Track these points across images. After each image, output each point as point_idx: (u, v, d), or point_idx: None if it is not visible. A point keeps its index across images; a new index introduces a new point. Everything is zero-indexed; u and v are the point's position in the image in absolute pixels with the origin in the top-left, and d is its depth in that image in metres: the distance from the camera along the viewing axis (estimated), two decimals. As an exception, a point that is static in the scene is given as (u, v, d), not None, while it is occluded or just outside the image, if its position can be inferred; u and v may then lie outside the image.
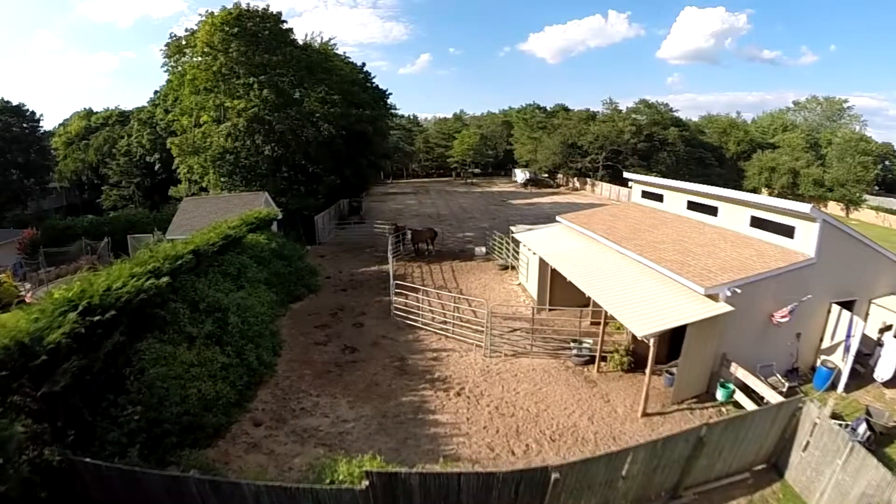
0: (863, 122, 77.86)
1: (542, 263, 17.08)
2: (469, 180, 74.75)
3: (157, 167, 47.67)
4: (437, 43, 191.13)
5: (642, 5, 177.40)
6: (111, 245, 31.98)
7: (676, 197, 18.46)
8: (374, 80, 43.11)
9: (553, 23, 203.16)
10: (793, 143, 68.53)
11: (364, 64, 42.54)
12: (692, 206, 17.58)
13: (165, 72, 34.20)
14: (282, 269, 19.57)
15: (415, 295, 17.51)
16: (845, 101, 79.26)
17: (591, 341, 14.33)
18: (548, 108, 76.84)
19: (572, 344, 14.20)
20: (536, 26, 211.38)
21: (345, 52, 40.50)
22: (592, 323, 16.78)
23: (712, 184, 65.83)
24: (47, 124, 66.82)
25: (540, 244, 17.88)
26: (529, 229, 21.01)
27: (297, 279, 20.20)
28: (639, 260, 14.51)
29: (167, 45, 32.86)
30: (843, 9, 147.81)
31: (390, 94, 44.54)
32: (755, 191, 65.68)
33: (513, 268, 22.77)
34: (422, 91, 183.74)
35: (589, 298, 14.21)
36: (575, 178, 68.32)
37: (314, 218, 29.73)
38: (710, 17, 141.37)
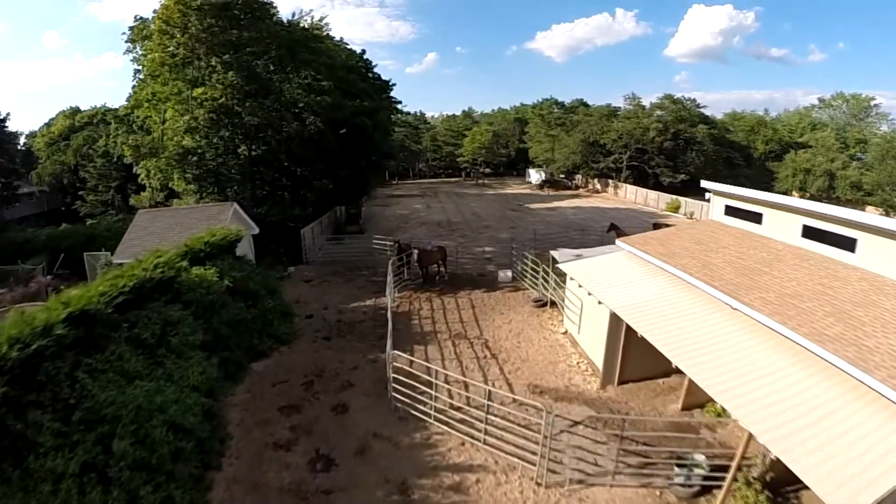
0: (891, 121, 72.49)
1: (615, 320, 11.79)
2: (480, 181, 69.42)
3: (135, 169, 42.82)
4: (443, 42, 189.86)
5: (650, 3, 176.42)
6: (67, 263, 27.23)
7: (784, 219, 13.16)
8: (374, 69, 37.78)
9: (560, 21, 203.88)
10: (826, 142, 63.20)
11: (364, 51, 37.26)
12: (811, 233, 12.36)
13: (131, 60, 29.17)
14: (241, 314, 14.43)
15: (423, 352, 12.36)
16: (872, 98, 73.91)
17: (702, 459, 9.07)
18: (565, 104, 71.06)
19: (677, 469, 8.92)
20: (544, 25, 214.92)
21: (341, 38, 35.15)
22: (684, 409, 11.58)
23: (740, 186, 61.54)
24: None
25: (604, 287, 12.58)
26: (578, 255, 15.73)
27: (264, 326, 15.09)
28: (778, 330, 9.26)
29: (130, 28, 27.84)
30: (851, 7, 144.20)
31: (394, 84, 39.23)
32: (787, 194, 60.47)
33: (553, 304, 17.48)
34: (429, 90, 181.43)
35: (673, 365, 9.16)
36: (595, 180, 62.81)
37: (301, 231, 24.59)
38: (717, 14, 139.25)
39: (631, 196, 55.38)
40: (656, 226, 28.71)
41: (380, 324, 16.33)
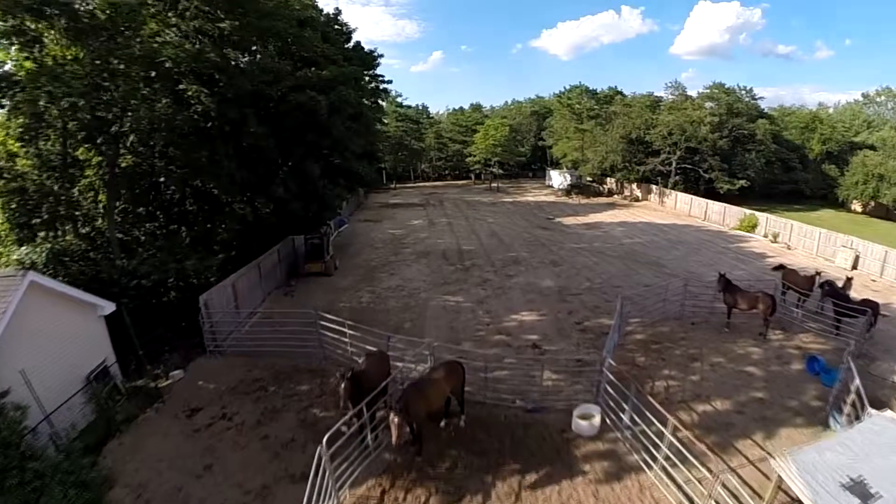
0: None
1: None
2: (493, 185, 58.32)
3: None
4: (449, 40, 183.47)
5: (656, 0, 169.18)
6: None
7: None
8: (352, 34, 26.24)
9: (566, 19, 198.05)
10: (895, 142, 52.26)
11: (339, 10, 25.68)
12: None
13: None
14: None
15: None
16: (923, 92, 62.56)
17: None
18: (597, 92, 59.53)
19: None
20: (549, 23, 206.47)
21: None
22: None
23: (799, 192, 49.48)
24: None
25: None
26: (853, 483, 4.94)
27: None
28: None
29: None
30: (857, 3, 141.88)
31: (380, 57, 27.59)
32: (850, 203, 49.67)
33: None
34: (434, 88, 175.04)
35: None
36: (634, 185, 51.59)
37: (200, 298, 13.62)
38: (724, 11, 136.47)
39: (683, 207, 44.20)
40: (841, 287, 16.20)
41: None
